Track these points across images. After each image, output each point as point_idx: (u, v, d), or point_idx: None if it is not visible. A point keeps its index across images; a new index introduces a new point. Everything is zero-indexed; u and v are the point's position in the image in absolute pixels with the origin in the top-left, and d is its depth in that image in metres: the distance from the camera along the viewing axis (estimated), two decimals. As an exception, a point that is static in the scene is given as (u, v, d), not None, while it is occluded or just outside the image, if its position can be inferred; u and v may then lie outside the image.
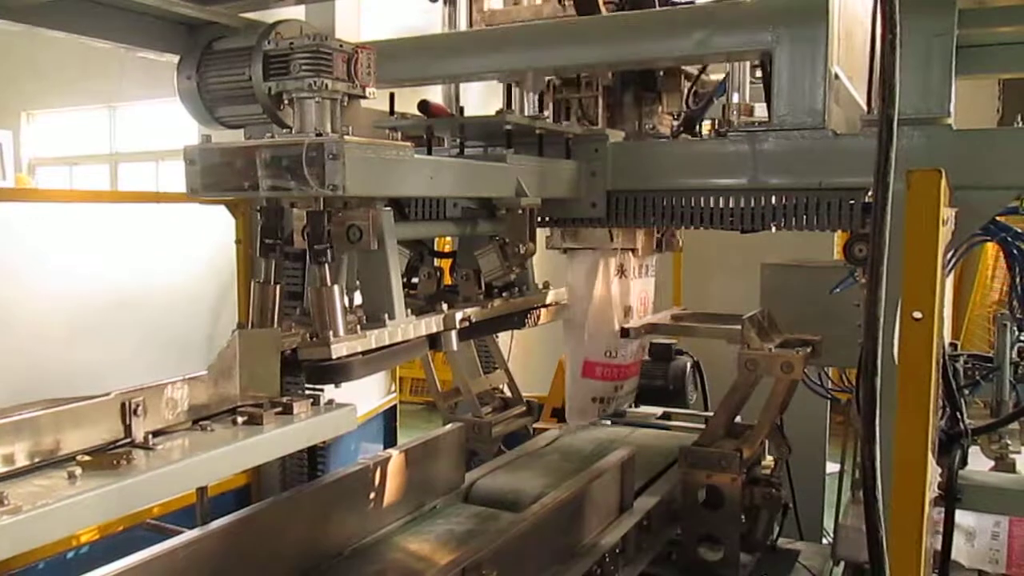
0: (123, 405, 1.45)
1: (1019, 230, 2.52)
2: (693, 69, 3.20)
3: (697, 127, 3.16)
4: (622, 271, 3.27)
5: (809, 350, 2.78)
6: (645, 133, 3.13)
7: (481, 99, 4.00)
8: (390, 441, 4.55)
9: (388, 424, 4.60)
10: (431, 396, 3.62)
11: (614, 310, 3.33)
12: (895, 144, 1.34)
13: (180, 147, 1.76)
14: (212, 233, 3.72)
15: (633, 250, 3.33)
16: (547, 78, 3.09)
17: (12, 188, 8.84)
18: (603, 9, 2.87)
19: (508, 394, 3.64)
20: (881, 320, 1.32)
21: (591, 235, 3.28)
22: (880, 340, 1.33)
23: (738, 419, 3.02)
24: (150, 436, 1.47)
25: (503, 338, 4.00)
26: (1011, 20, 3.00)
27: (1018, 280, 2.61)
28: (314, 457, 3.71)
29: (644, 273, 3.56)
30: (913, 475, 1.40)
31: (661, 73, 3.15)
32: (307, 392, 1.78)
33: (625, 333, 3.16)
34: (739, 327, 2.76)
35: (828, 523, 4.53)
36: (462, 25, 3.15)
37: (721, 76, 3.11)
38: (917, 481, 1.41)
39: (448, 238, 2.72)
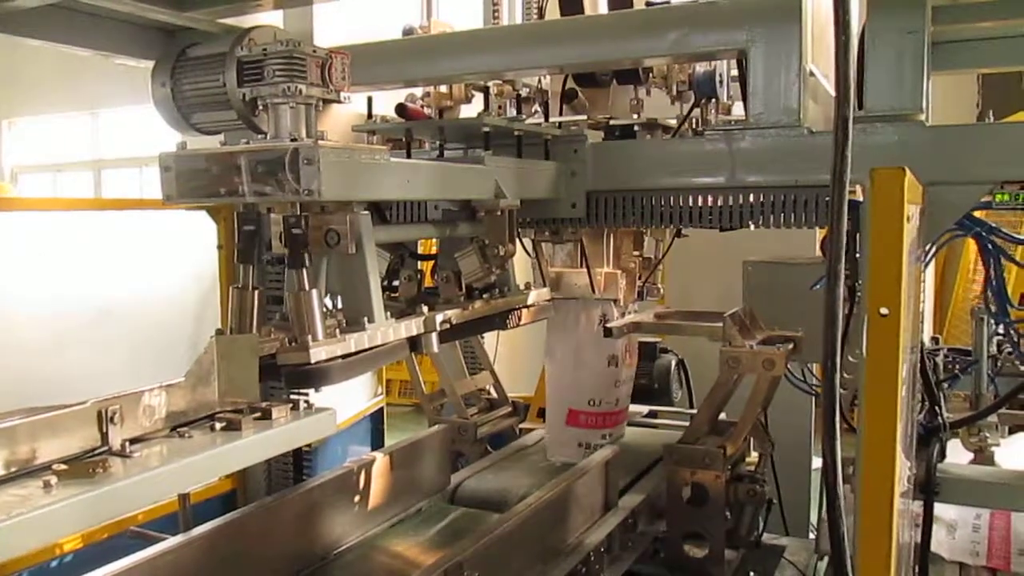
0: (100, 413, 1.44)
1: (993, 224, 2.55)
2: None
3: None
4: (604, 321, 3.25)
5: (791, 346, 2.79)
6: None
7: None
8: (377, 444, 4.53)
9: (375, 427, 4.58)
10: (418, 398, 3.62)
11: (597, 360, 3.29)
12: (851, 143, 1.35)
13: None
14: (194, 239, 3.71)
15: (615, 300, 3.32)
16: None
17: (-5, 196, 8.76)
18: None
19: (494, 395, 3.65)
20: (840, 318, 1.34)
21: (573, 286, 3.29)
22: (839, 337, 1.35)
23: (722, 416, 3.04)
24: (127, 444, 1.47)
25: (489, 339, 4.00)
26: (986, 15, 3.02)
27: (993, 274, 2.63)
28: (299, 461, 3.70)
29: None
30: (881, 471, 1.42)
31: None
32: (289, 397, 1.78)
33: (608, 333, 3.16)
34: (722, 325, 2.77)
35: (814, 518, 4.54)
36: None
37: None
38: (885, 477, 1.42)
39: (431, 240, 2.73)
